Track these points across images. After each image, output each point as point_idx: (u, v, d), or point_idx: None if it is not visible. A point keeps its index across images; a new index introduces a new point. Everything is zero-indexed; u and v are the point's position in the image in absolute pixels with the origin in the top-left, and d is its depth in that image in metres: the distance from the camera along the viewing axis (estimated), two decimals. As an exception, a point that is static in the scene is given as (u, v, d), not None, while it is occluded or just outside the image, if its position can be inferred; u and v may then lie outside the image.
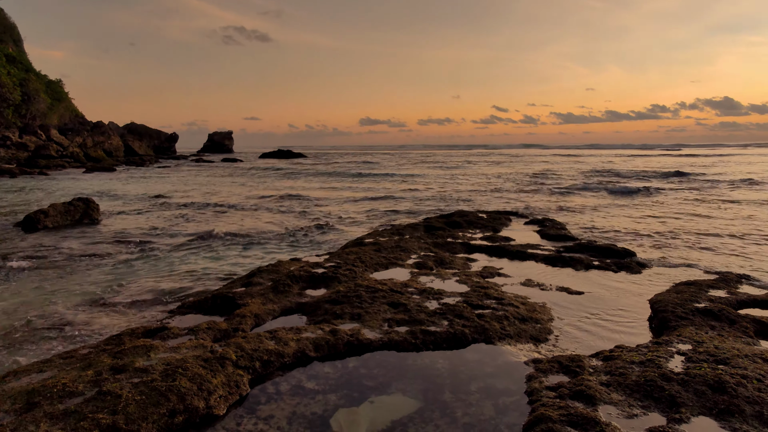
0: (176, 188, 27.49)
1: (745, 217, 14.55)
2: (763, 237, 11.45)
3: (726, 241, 11.09)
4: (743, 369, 3.69)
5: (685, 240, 11.14)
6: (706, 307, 5.56)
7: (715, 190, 22.22)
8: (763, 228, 12.66)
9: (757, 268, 8.54)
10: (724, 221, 13.87)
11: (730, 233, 11.96)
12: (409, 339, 4.67)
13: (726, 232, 12.08)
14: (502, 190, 24.51)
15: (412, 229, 11.03)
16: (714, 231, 12.31)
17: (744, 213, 15.42)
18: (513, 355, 4.53)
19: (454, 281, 6.72)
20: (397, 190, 25.18)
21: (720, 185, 24.34)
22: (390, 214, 16.85)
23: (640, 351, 4.25)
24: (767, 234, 11.82)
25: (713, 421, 3.20)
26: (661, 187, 23.62)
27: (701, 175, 31.14)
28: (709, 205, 17.23)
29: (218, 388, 3.48)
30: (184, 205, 19.36)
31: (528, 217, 13.70)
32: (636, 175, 31.53)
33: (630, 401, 3.46)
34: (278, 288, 6.23)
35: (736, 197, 19.54)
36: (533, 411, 3.43)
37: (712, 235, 11.81)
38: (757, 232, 12.04)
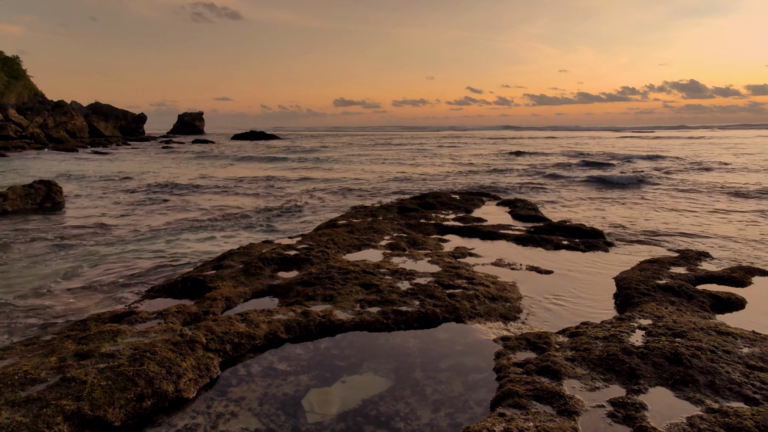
0: (144, 170, 26.75)
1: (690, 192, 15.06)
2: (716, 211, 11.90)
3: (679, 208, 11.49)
4: (698, 341, 3.87)
5: (646, 218, 11.49)
6: (667, 283, 5.77)
7: (668, 166, 22.92)
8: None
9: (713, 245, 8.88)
10: (678, 200, 14.35)
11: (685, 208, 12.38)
12: (380, 319, 4.71)
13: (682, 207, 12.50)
14: (476, 171, 24.70)
15: (385, 211, 11.05)
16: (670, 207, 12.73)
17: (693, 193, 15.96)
18: (483, 333, 4.62)
19: (426, 262, 6.79)
20: (370, 172, 25.12)
21: (664, 162, 25.13)
22: (363, 196, 16.82)
23: (604, 327, 4.39)
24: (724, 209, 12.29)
25: (669, 391, 3.35)
26: (647, 171, 24.22)
27: (664, 157, 32.03)
28: (659, 183, 17.78)
29: (188, 372, 3.45)
30: (152, 187, 18.89)
31: (500, 198, 13.88)
32: (612, 157, 32.20)
33: (593, 375, 3.59)
34: (250, 270, 6.17)
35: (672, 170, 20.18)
36: (501, 387, 3.52)
37: (674, 211, 12.21)
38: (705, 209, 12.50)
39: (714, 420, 2.91)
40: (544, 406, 3.20)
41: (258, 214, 13.39)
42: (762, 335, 4.24)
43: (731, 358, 3.67)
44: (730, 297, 5.52)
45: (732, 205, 13.44)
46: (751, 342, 4.00)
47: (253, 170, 27.53)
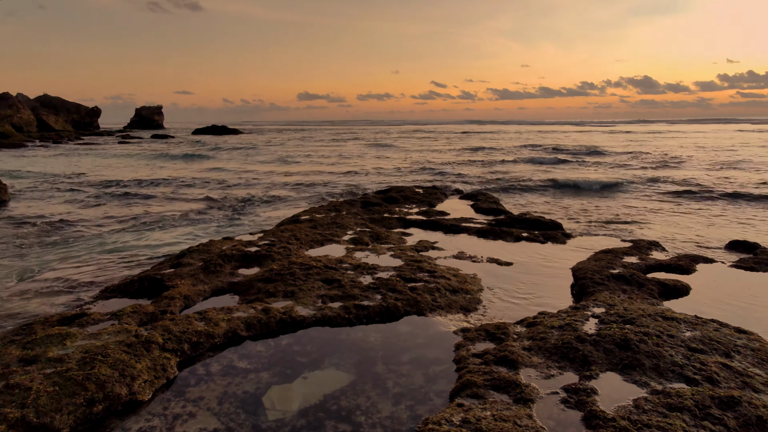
0: (97, 166, 25.73)
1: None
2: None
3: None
4: (646, 327, 4.04)
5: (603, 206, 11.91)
6: (620, 272, 6.00)
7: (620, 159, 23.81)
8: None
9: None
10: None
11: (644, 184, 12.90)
12: (342, 314, 4.71)
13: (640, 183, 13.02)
14: (438, 165, 24.93)
15: (349, 206, 11.03)
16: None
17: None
18: (443, 326, 4.69)
19: (388, 256, 6.82)
20: (335, 169, 24.99)
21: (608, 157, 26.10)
22: (328, 192, 16.73)
23: (560, 316, 4.53)
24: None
25: (618, 375, 3.49)
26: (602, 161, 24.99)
27: (612, 148, 33.20)
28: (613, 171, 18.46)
29: (143, 373, 3.36)
30: (106, 184, 18.20)
31: (463, 192, 14.07)
32: (570, 150, 33.08)
33: (548, 363, 3.70)
34: (209, 268, 6.05)
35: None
36: (460, 378, 3.59)
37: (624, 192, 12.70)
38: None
39: (657, 401, 3.06)
40: (501, 395, 3.28)
41: (219, 210, 13.11)
42: (703, 319, 4.47)
43: (675, 342, 3.86)
44: (676, 284, 5.79)
45: (690, 198, 14.08)
46: (693, 326, 4.22)
47: (215, 166, 26.92)
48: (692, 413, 2.94)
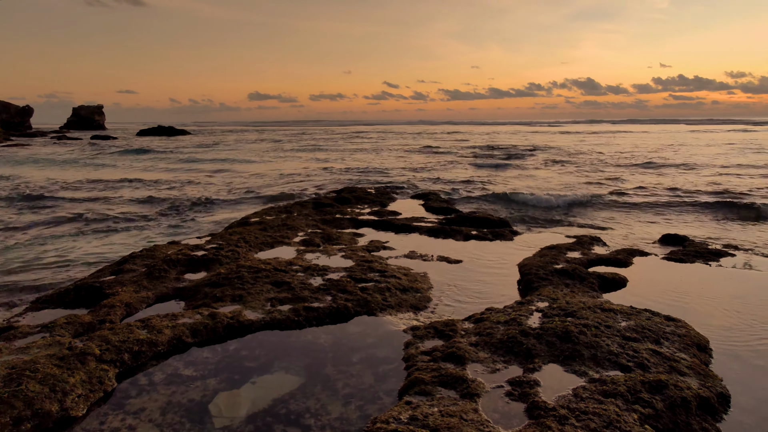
0: (29, 168, 24.22)
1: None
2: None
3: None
4: (585, 319, 4.24)
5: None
6: (563, 267, 6.25)
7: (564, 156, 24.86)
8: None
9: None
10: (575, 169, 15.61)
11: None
12: (291, 317, 4.66)
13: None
14: (392, 166, 25.09)
15: (300, 207, 10.91)
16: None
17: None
18: (393, 325, 4.73)
19: (339, 257, 6.80)
20: (289, 168, 24.65)
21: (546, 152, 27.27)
22: (278, 194, 16.47)
23: (505, 311, 4.67)
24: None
25: (560, 367, 3.64)
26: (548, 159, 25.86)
27: (551, 147, 34.57)
28: (562, 167, 19.26)
29: (77, 387, 3.19)
30: (39, 188, 17.16)
31: (414, 192, 14.23)
32: (521, 149, 34.08)
33: (494, 357, 3.81)
34: (153, 274, 5.82)
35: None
36: (409, 375, 3.63)
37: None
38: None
39: (594, 389, 3.21)
40: (449, 391, 3.34)
41: (164, 215, 12.65)
42: (638, 309, 4.73)
43: (611, 332, 4.06)
44: (614, 277, 6.10)
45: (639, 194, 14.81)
46: (628, 316, 4.46)
47: (160, 168, 25.92)
48: (625, 398, 3.10)
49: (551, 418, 2.91)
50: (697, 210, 11.98)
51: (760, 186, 15.37)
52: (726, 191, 14.01)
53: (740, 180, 16.92)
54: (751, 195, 13.60)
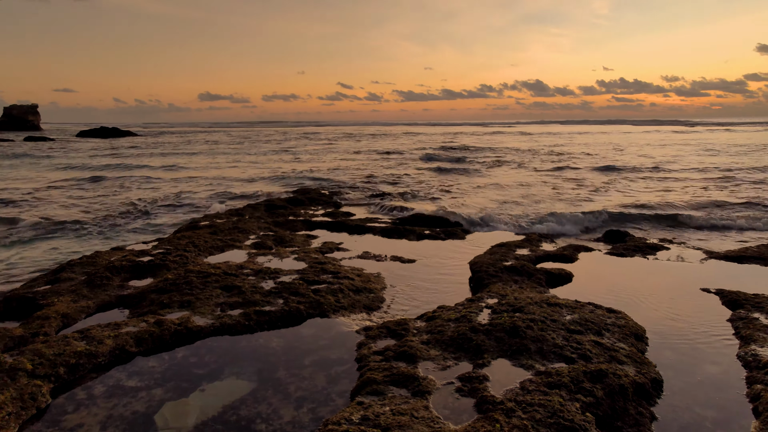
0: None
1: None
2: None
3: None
4: (532, 314, 4.38)
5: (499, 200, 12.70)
6: (512, 264, 6.43)
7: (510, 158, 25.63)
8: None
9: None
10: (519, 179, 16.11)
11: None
12: (242, 321, 4.56)
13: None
14: (346, 167, 25.02)
15: (252, 209, 10.70)
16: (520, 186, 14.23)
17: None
18: (346, 326, 4.72)
19: (292, 259, 6.72)
20: (237, 174, 24.09)
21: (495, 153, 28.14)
22: (231, 195, 16.08)
23: (456, 309, 4.76)
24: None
25: (508, 361, 3.75)
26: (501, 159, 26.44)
27: (485, 148, 35.57)
28: (518, 171, 19.85)
29: (6, 405, 2.99)
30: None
31: (369, 192, 14.25)
32: (473, 149, 34.72)
33: (445, 355, 3.87)
34: (94, 282, 5.55)
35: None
36: (361, 376, 3.63)
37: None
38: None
39: (540, 381, 3.33)
40: (400, 390, 3.37)
41: (106, 220, 12.08)
42: (582, 303, 4.94)
43: (557, 325, 4.22)
44: (561, 272, 6.33)
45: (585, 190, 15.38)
46: (573, 310, 4.64)
47: (99, 171, 24.72)
48: (568, 389, 3.23)
49: (499, 412, 2.99)
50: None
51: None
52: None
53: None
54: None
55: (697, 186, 15.87)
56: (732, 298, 5.33)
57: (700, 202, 12.41)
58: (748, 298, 5.26)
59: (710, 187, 15.70)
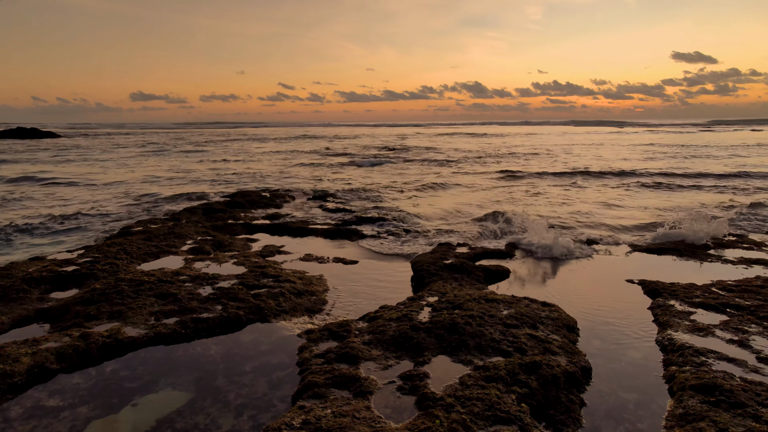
0: None
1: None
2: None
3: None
4: (471, 310, 4.51)
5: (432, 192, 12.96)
6: (452, 262, 6.58)
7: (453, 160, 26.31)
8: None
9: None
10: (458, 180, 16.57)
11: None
12: (178, 330, 4.39)
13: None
14: (288, 168, 24.64)
15: (189, 214, 10.31)
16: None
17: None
18: (288, 330, 4.65)
19: (231, 264, 6.54)
20: (177, 173, 23.11)
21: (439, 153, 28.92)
22: (167, 198, 15.38)
23: (398, 308, 4.81)
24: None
25: (448, 358, 3.83)
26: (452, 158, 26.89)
27: (415, 148, 36.43)
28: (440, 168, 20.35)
29: None
30: None
31: (311, 194, 14.11)
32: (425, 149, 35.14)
33: (387, 354, 3.90)
34: (9, 295, 5.14)
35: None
36: (303, 380, 3.59)
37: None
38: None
39: (478, 375, 3.43)
40: (342, 392, 3.36)
41: (22, 229, 11.20)
42: (518, 298, 5.14)
43: (494, 320, 4.37)
44: (498, 268, 6.56)
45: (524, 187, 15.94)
46: (510, 305, 4.82)
47: (17, 175, 22.94)
48: (505, 381, 3.35)
49: (439, 408, 3.05)
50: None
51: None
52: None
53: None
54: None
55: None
56: (652, 288, 5.73)
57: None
58: (665, 286, 5.68)
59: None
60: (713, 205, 12.48)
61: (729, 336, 4.28)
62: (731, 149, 32.51)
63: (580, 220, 10.37)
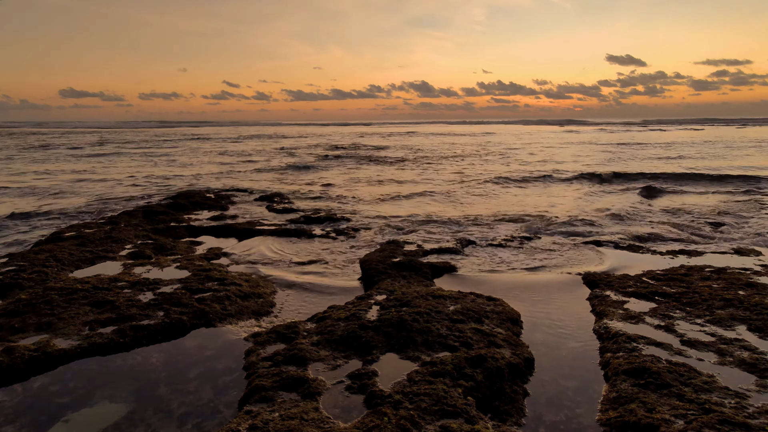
0: None
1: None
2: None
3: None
4: (418, 307, 4.57)
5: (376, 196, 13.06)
6: (401, 260, 6.65)
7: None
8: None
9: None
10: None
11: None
12: (116, 339, 4.18)
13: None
14: (234, 168, 24.00)
15: (128, 217, 9.83)
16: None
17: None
18: (234, 334, 4.54)
19: (174, 268, 6.30)
20: (112, 174, 21.97)
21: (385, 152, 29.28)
22: (102, 201, 14.59)
23: (346, 308, 4.80)
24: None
25: (396, 355, 3.87)
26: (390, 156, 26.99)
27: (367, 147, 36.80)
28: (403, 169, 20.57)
29: None
30: None
31: (258, 194, 13.83)
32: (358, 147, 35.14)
33: (335, 354, 3.89)
34: (-77, 308, 4.71)
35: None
36: (250, 384, 3.52)
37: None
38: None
39: (426, 371, 3.49)
40: (290, 394, 3.32)
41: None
42: (464, 293, 5.26)
43: (441, 316, 4.45)
44: (446, 264, 6.68)
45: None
46: (456, 300, 4.93)
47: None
48: (451, 376, 3.43)
49: (387, 405, 3.07)
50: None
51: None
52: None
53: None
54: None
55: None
56: (590, 279, 6.03)
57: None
58: (601, 277, 5.99)
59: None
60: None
61: (657, 322, 4.57)
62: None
63: (528, 215, 10.74)
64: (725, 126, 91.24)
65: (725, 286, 5.46)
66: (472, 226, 9.53)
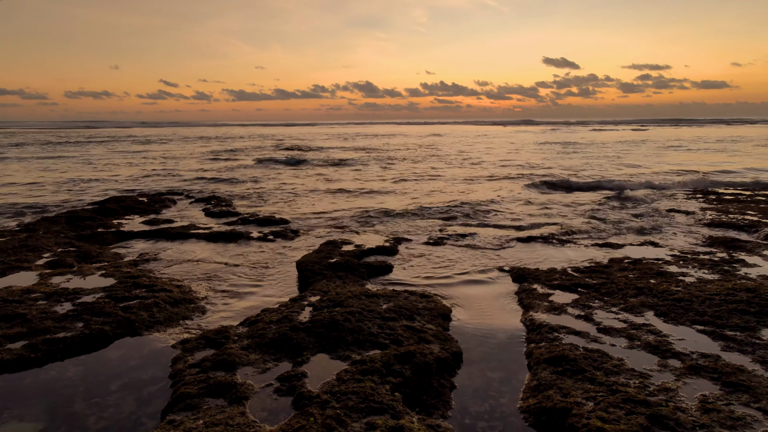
0: None
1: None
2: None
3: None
4: (351, 307, 4.60)
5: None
6: (337, 261, 6.65)
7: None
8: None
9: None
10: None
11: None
12: (26, 354, 3.93)
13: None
14: (172, 172, 23.07)
15: (49, 223, 9.24)
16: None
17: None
18: (162, 342, 4.38)
19: (98, 276, 5.99)
20: (30, 178, 20.52)
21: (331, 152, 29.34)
22: (16, 208, 13.59)
23: (279, 310, 4.75)
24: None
25: (326, 355, 3.88)
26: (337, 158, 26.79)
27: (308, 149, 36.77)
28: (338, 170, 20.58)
29: None
30: None
31: (194, 197, 13.39)
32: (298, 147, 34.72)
33: (265, 357, 3.85)
34: None
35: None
36: (175, 392, 3.41)
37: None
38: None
39: (355, 370, 3.52)
40: (217, 400, 3.26)
41: None
42: (398, 291, 5.35)
43: (373, 315, 4.50)
44: (382, 264, 6.75)
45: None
46: (389, 299, 5.00)
47: None
48: (380, 373, 3.48)
49: (314, 405, 3.08)
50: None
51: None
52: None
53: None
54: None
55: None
56: (519, 273, 6.29)
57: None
58: (530, 272, 6.26)
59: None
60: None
61: (577, 312, 4.85)
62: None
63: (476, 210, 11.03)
64: (659, 126, 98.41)
65: (639, 276, 5.87)
66: (412, 226, 9.68)
